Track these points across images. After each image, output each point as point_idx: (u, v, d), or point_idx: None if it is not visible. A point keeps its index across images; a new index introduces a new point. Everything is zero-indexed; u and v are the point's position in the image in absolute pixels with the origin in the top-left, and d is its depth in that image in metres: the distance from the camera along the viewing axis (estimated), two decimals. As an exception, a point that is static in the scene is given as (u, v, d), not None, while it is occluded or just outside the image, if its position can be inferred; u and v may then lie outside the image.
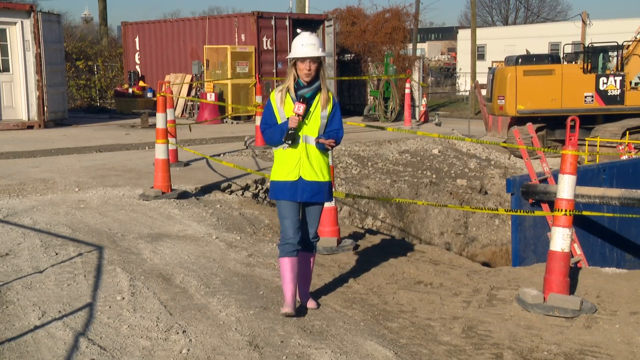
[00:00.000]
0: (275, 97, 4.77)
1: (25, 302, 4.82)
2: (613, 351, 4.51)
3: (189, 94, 20.98)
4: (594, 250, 9.66)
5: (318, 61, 4.67)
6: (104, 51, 29.27)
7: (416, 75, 23.04)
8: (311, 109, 4.68)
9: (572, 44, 24.76)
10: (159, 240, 6.55)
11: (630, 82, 18.77)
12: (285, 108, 4.71)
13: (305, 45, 4.62)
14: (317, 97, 4.71)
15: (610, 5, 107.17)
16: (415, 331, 4.81)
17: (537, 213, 8.96)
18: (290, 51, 4.78)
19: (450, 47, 59.00)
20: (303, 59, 4.63)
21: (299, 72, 4.68)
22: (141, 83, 22.60)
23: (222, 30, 20.72)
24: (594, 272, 6.17)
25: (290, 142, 4.64)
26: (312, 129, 4.70)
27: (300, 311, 4.89)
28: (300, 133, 4.67)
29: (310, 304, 5.06)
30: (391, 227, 11.70)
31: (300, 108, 4.58)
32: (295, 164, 4.70)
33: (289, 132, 4.61)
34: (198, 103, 19.51)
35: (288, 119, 4.63)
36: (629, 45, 19.03)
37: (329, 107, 4.74)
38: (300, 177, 4.70)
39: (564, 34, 35.40)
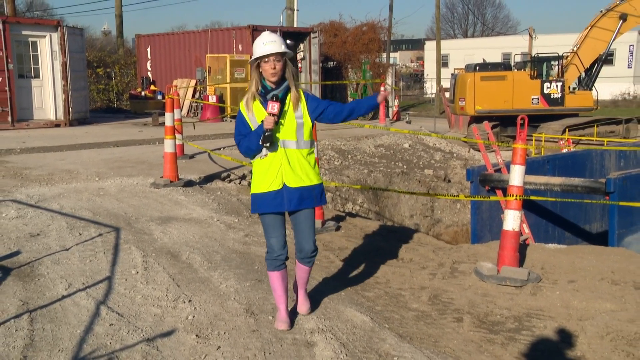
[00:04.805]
0: (244, 106, 3.84)
1: (54, 275, 4.79)
2: (554, 314, 4.56)
3: (193, 96, 20.83)
4: (539, 229, 9.73)
5: (283, 59, 3.74)
6: (120, 60, 28.97)
7: (389, 80, 23.03)
8: (284, 110, 3.79)
9: (521, 54, 24.94)
10: (167, 223, 6.51)
11: (569, 87, 18.98)
12: (255, 114, 3.80)
13: (266, 43, 3.71)
14: (288, 98, 3.80)
15: (553, 22, 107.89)
16: (389, 299, 4.82)
17: (492, 198, 9.01)
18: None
19: (418, 56, 58.88)
20: (267, 58, 3.70)
21: (264, 74, 3.75)
22: (152, 87, 22.42)
23: (222, 41, 20.58)
24: (539, 247, 6.22)
25: (268, 144, 3.71)
26: (288, 132, 3.77)
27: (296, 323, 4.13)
28: (277, 136, 3.77)
29: (302, 309, 4.24)
30: (368, 211, 11.72)
31: (275, 107, 3.66)
32: (276, 171, 3.79)
33: (266, 134, 3.68)
34: (201, 104, 19.40)
35: (262, 122, 3.71)
36: (567, 56, 19.22)
37: (302, 105, 3.83)
38: (285, 185, 3.80)
39: (514, 45, 35.56)
